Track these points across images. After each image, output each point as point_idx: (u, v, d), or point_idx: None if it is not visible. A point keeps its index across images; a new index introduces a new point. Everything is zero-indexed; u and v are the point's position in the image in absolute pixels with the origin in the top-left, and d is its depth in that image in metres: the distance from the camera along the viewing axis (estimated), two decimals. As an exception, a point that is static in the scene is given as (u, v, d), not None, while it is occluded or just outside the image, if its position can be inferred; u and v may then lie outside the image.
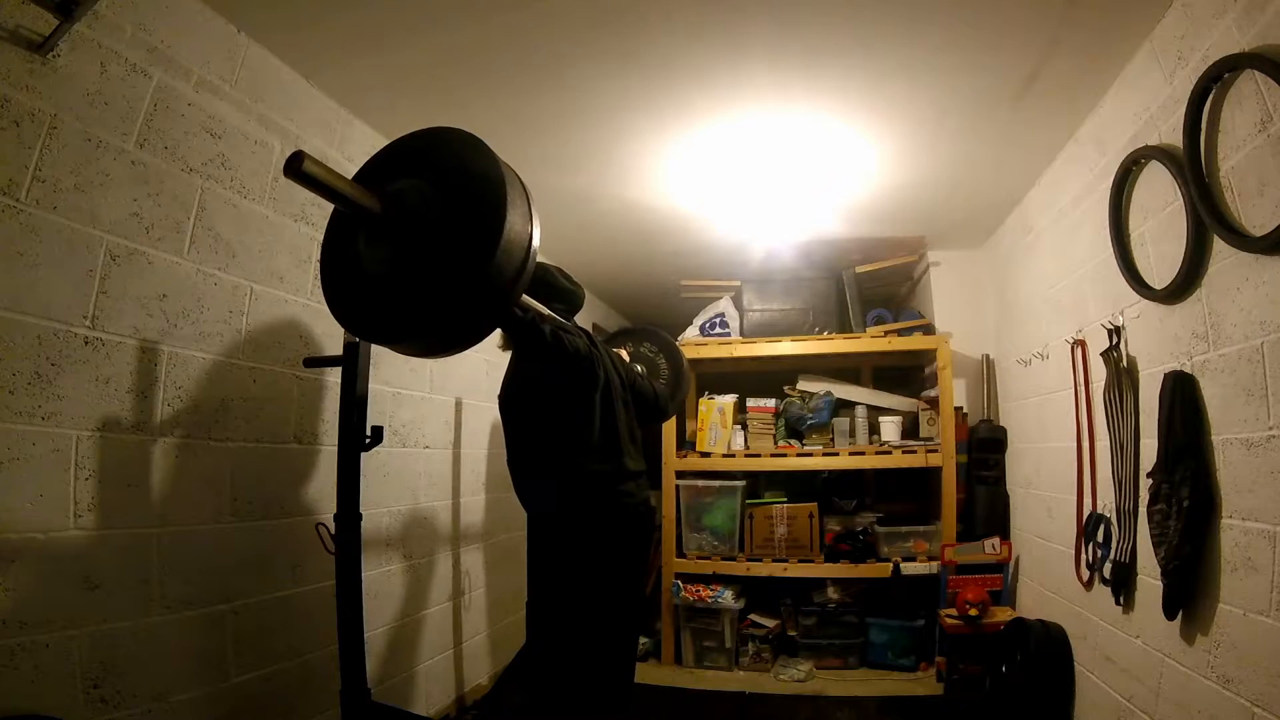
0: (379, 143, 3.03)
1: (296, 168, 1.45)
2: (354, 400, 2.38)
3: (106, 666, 1.84)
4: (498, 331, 2.37)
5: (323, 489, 2.58)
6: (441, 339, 1.80)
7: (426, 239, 1.66)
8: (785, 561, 4.36)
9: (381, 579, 2.97)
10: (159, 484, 2.04)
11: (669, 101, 2.83)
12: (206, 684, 2.14)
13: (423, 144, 1.82)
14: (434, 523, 3.42)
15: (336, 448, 2.41)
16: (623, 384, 2.62)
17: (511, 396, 2.45)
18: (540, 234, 1.77)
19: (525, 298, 2.20)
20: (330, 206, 1.84)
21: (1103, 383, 2.76)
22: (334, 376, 2.48)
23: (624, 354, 2.95)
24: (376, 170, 1.85)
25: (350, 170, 2.77)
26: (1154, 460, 2.30)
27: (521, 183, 1.75)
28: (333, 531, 2.30)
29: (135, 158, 1.99)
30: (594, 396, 2.40)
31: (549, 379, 2.36)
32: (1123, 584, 2.59)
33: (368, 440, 2.37)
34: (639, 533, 2.56)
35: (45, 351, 1.75)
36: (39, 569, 1.71)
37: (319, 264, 1.89)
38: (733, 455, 4.60)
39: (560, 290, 2.58)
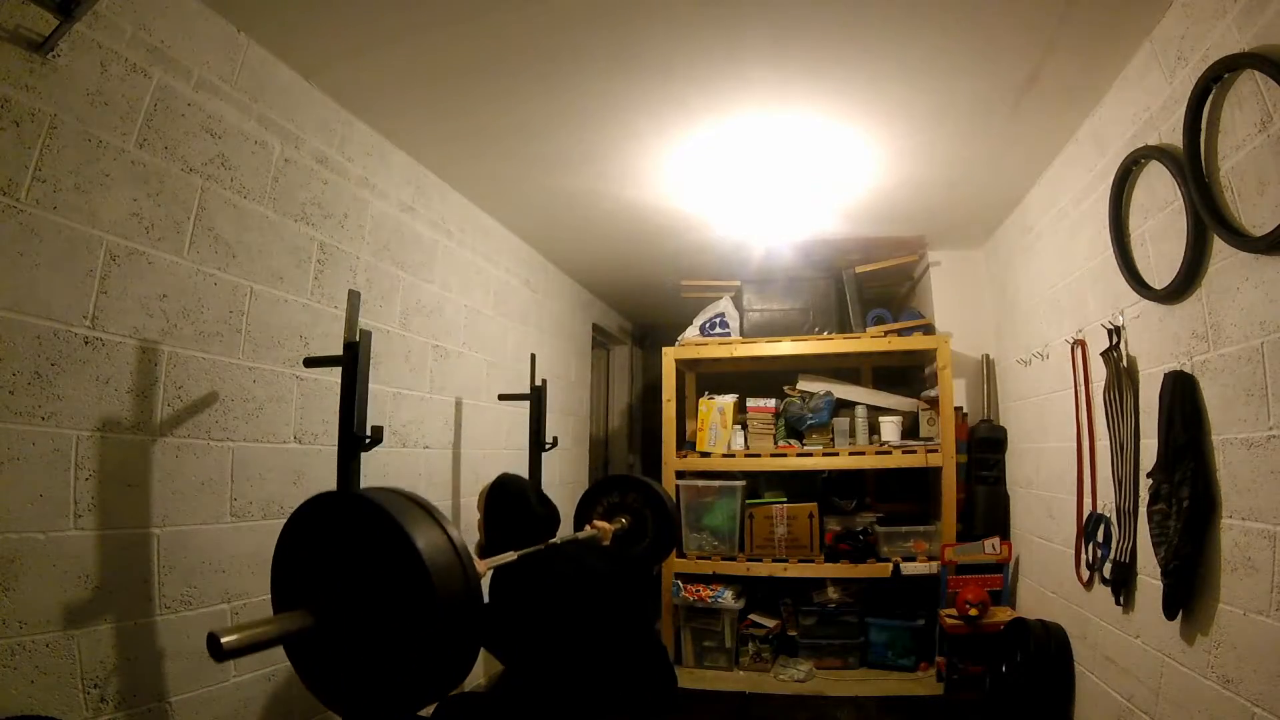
0: (378, 143, 3.05)
1: (219, 650, 1.30)
2: (354, 400, 2.38)
3: (107, 666, 1.84)
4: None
5: (322, 489, 2.56)
6: (456, 668, 1.62)
7: (369, 610, 1.52)
8: (785, 561, 4.37)
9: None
10: (159, 484, 2.03)
11: (668, 102, 2.83)
12: (208, 683, 2.14)
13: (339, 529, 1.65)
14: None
15: (336, 448, 2.40)
16: (577, 569, 2.57)
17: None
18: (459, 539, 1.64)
19: (488, 563, 2.31)
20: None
21: (1103, 383, 2.76)
22: (334, 376, 2.48)
23: (600, 525, 3.02)
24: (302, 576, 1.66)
25: (351, 170, 2.80)
26: (1154, 460, 2.30)
27: (418, 502, 1.66)
28: (332, 531, 2.30)
29: (135, 158, 1.98)
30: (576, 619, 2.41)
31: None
32: (1123, 584, 2.59)
33: (367, 440, 2.37)
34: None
35: (45, 351, 1.74)
36: (39, 569, 1.71)
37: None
38: (733, 455, 4.61)
39: (533, 518, 2.64)
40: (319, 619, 1.51)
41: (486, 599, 2.22)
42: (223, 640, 1.30)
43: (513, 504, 2.65)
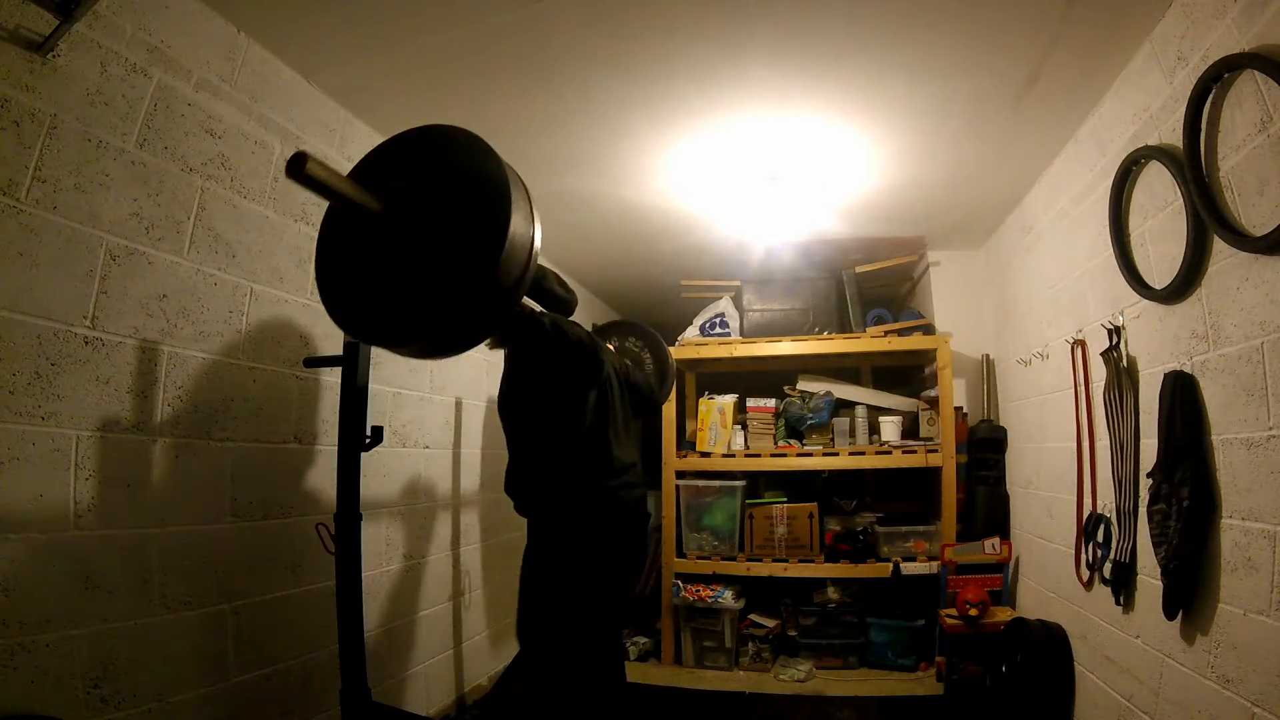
0: (377, 142, 3.04)
1: (300, 169, 1.42)
2: (354, 400, 2.38)
3: (106, 666, 1.84)
4: None
5: (322, 489, 2.58)
6: (444, 341, 1.80)
7: (430, 241, 1.65)
8: (785, 561, 4.36)
9: (381, 579, 2.97)
10: (159, 484, 2.03)
11: (668, 101, 2.83)
12: (207, 684, 2.14)
13: (423, 142, 1.80)
14: (434, 523, 3.42)
15: (336, 448, 2.41)
16: (617, 377, 2.64)
17: (511, 398, 2.47)
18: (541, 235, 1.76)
19: (530, 302, 2.22)
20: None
21: (1103, 383, 2.76)
22: (334, 376, 2.48)
23: (610, 348, 2.96)
24: (375, 167, 1.84)
25: (349, 169, 2.79)
26: (1154, 460, 2.30)
27: (523, 184, 1.74)
28: (333, 531, 2.30)
29: (135, 158, 1.99)
30: (591, 392, 2.41)
31: (549, 375, 2.38)
32: (1123, 584, 2.59)
33: (368, 440, 2.37)
34: (633, 528, 2.58)
35: (45, 351, 1.75)
36: (39, 569, 1.71)
37: (315, 264, 1.87)
38: (733, 455, 4.60)
39: (555, 299, 2.57)
40: (386, 209, 1.65)
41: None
42: (308, 166, 1.42)
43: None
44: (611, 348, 2.99)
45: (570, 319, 2.57)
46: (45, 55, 1.75)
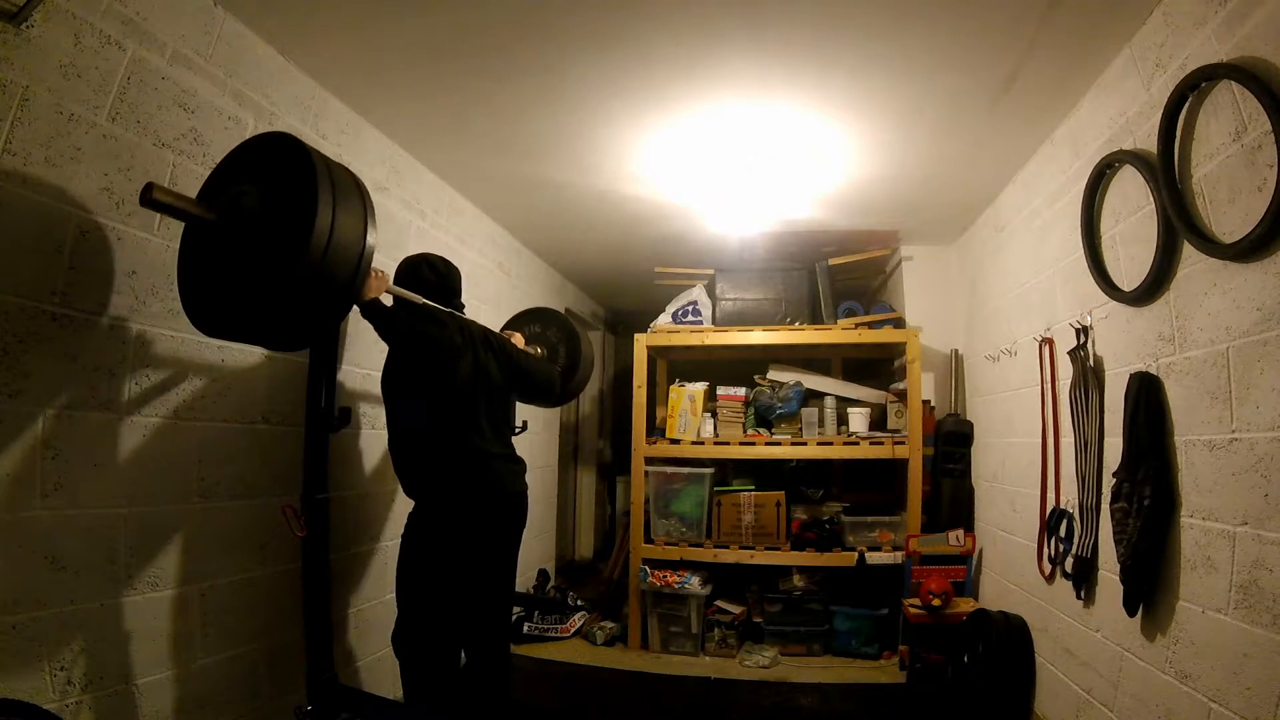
0: (354, 121, 2.99)
1: (148, 197, 1.61)
2: (322, 381, 2.35)
3: (74, 649, 1.81)
4: None
5: (290, 470, 2.54)
6: (280, 336, 2.04)
7: (254, 243, 1.77)
8: (752, 549, 4.40)
9: (349, 561, 2.95)
10: (126, 463, 1.99)
11: (646, 88, 2.81)
12: (174, 666, 2.11)
13: (257, 149, 1.92)
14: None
15: (305, 428, 2.38)
16: (500, 366, 2.71)
17: (383, 379, 2.62)
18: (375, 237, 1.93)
19: (396, 289, 2.45)
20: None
21: (1069, 381, 2.81)
22: (303, 357, 2.44)
23: (518, 337, 3.07)
24: (226, 173, 1.94)
25: (325, 148, 2.74)
26: (1118, 458, 2.34)
27: (357, 189, 1.92)
28: (300, 513, 2.28)
29: (107, 131, 1.93)
30: (449, 379, 2.50)
31: (406, 364, 2.54)
32: (1084, 579, 2.65)
33: (336, 421, 2.35)
34: (508, 500, 2.69)
35: (13, 328, 1.70)
36: (5, 549, 1.67)
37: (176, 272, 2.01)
38: (702, 443, 4.62)
39: (424, 282, 2.65)
40: (219, 218, 1.79)
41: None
42: (155, 191, 1.61)
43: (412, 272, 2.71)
44: (520, 337, 3.10)
45: (454, 306, 2.73)
46: (19, 26, 1.69)
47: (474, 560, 2.55)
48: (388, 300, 2.45)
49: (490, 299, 4.35)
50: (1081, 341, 2.72)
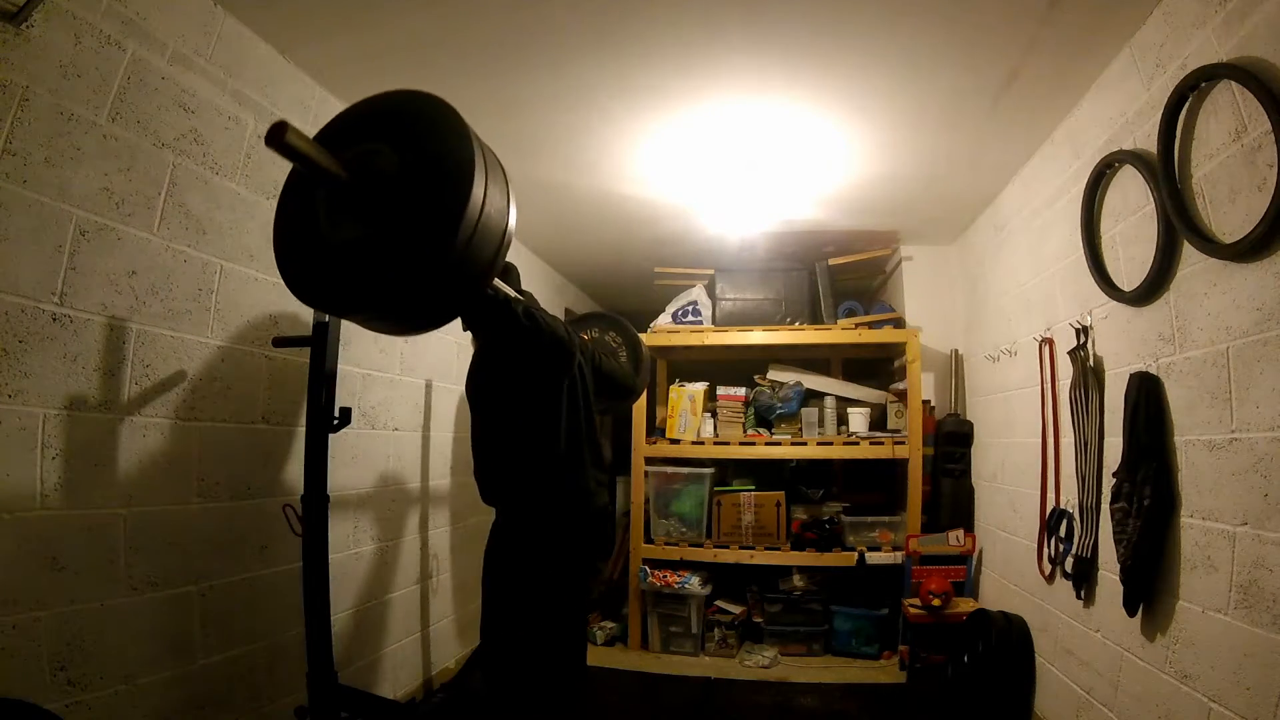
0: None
1: (279, 138, 1.40)
2: (322, 381, 2.35)
3: (73, 648, 1.81)
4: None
5: (290, 470, 2.54)
6: (403, 318, 1.79)
7: (392, 211, 1.60)
8: (752, 549, 4.40)
9: (349, 561, 2.94)
10: (126, 464, 1.99)
11: (646, 86, 2.81)
12: (173, 666, 2.11)
13: (394, 107, 1.75)
14: (402, 506, 3.39)
15: (305, 429, 2.37)
16: (592, 369, 2.57)
17: (480, 385, 2.35)
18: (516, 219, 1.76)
19: (496, 281, 2.11)
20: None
21: (1069, 381, 2.81)
22: (303, 356, 2.44)
23: (585, 337, 2.89)
24: (344, 130, 1.80)
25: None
26: (1118, 458, 2.34)
27: (499, 163, 1.72)
28: (300, 513, 2.28)
29: (107, 131, 1.93)
30: (563, 385, 2.32)
31: (520, 364, 2.27)
32: (1084, 579, 2.64)
33: (336, 421, 2.34)
34: (601, 526, 2.55)
35: (13, 328, 1.70)
36: (4, 549, 1.67)
37: (273, 230, 1.84)
38: (702, 443, 4.62)
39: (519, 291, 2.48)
40: (351, 177, 1.61)
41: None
42: (288, 136, 1.40)
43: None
44: (586, 337, 2.93)
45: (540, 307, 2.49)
46: (19, 26, 1.69)
47: (571, 575, 2.40)
48: None
49: (490, 299, 4.33)
50: (1081, 341, 2.72)
